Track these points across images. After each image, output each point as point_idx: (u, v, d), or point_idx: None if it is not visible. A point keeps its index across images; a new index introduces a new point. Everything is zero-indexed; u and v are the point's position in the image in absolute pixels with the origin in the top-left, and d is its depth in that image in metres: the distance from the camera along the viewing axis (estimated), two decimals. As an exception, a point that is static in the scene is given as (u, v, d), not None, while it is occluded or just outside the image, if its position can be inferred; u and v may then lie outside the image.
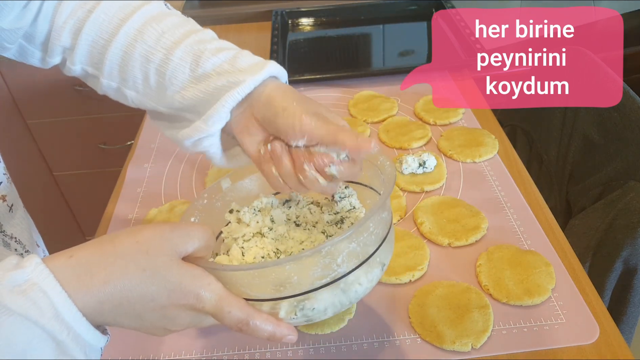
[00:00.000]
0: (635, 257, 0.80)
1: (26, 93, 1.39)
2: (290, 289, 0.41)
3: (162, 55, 0.50)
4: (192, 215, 0.53)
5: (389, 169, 0.49)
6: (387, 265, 0.48)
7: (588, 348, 0.56)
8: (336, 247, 0.41)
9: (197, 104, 0.49)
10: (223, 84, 0.48)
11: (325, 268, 0.41)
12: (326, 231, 0.51)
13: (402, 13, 1.33)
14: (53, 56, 0.54)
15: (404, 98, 1.01)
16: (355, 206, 0.53)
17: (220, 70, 0.49)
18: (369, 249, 0.44)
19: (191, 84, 0.49)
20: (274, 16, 1.28)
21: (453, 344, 0.56)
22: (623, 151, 0.87)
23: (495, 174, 0.80)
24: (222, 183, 0.56)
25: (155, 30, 0.50)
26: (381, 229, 0.45)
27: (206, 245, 0.41)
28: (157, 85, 0.51)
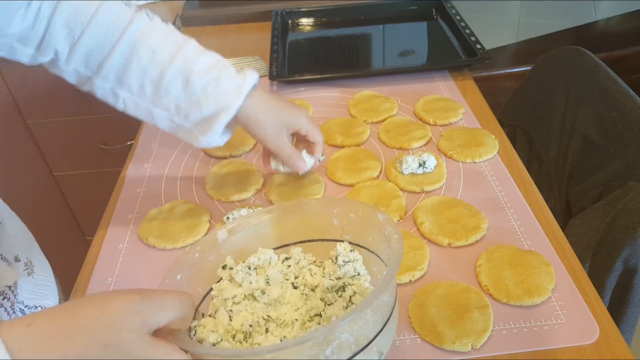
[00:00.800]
0: (635, 257, 0.80)
1: (26, 93, 1.39)
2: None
3: (156, 72, 0.58)
4: (179, 272, 0.48)
5: (396, 243, 0.45)
6: (386, 353, 0.43)
7: (588, 348, 0.56)
8: (325, 337, 0.37)
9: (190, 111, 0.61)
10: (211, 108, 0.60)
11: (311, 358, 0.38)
12: (325, 298, 0.47)
13: (402, 13, 1.33)
14: (46, 56, 0.58)
15: (404, 98, 1.01)
16: (360, 272, 0.49)
17: (207, 92, 0.59)
18: (364, 339, 0.39)
19: (184, 98, 0.60)
20: (274, 16, 1.28)
21: (453, 344, 0.56)
22: (623, 151, 0.87)
23: (495, 174, 0.80)
24: (219, 234, 0.52)
25: (147, 48, 0.58)
26: (381, 315, 0.41)
27: (182, 317, 0.39)
28: (153, 94, 0.60)
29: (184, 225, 0.74)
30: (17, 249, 0.67)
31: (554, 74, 1.03)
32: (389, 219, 0.48)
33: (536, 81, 1.08)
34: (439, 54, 1.19)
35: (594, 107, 0.94)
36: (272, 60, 1.10)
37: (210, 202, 0.79)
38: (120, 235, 0.75)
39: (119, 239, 0.74)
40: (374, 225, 0.49)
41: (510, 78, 1.53)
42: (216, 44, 1.28)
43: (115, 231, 0.75)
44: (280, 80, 1.07)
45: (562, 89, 1.01)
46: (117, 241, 0.74)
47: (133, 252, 0.72)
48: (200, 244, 0.51)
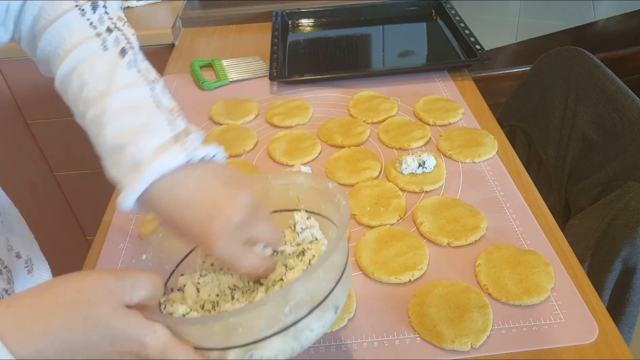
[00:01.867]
0: (634, 257, 0.80)
1: (27, 93, 1.39)
2: (237, 338, 0.40)
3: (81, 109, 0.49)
4: (144, 252, 0.50)
5: (344, 209, 0.48)
6: (341, 307, 0.46)
7: (587, 348, 0.56)
8: (283, 299, 0.40)
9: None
10: (114, 176, 0.47)
11: (272, 319, 0.40)
12: (287, 264, 0.49)
13: (402, 13, 1.33)
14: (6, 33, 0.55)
15: (404, 98, 1.01)
16: (317, 237, 0.51)
17: (111, 159, 0.47)
18: (320, 295, 0.42)
19: (101, 151, 0.49)
20: (274, 17, 1.28)
21: (452, 344, 0.57)
22: (622, 151, 0.87)
23: (495, 174, 0.81)
24: None
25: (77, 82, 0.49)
26: (333, 273, 0.44)
27: (152, 295, 0.40)
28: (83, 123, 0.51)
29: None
30: (18, 245, 0.67)
31: (553, 74, 1.03)
32: (338, 187, 0.51)
33: (535, 81, 1.09)
34: (439, 54, 1.19)
35: (593, 107, 0.94)
36: (272, 60, 1.10)
37: (211, 202, 0.79)
38: (121, 235, 0.75)
39: (120, 238, 0.74)
40: (325, 194, 0.52)
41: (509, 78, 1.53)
42: (216, 44, 1.28)
43: (116, 231, 0.76)
44: (280, 80, 1.07)
45: (561, 89, 1.01)
46: (118, 241, 0.74)
47: (134, 252, 0.72)
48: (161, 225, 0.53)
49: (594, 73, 0.94)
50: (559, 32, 1.72)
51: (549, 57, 1.05)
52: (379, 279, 0.65)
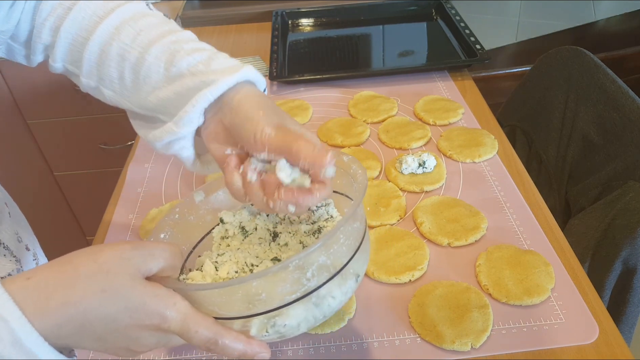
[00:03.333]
0: (635, 257, 0.80)
1: (26, 93, 1.39)
2: (260, 306, 0.40)
3: (138, 54, 0.48)
4: (162, 231, 0.51)
5: (361, 177, 0.48)
6: (362, 276, 0.46)
7: (587, 348, 0.56)
8: (305, 261, 0.40)
9: (170, 105, 0.48)
10: (195, 84, 0.46)
11: (295, 283, 0.40)
12: (303, 242, 0.50)
13: (402, 13, 1.33)
14: (36, 54, 0.54)
15: (404, 98, 1.01)
16: (333, 215, 0.51)
17: (194, 70, 0.47)
18: (341, 261, 0.42)
19: (165, 83, 0.48)
20: (274, 17, 1.28)
21: (453, 344, 0.57)
22: (622, 151, 0.87)
23: (495, 174, 0.81)
24: (195, 196, 0.54)
25: (132, 29, 0.49)
26: (353, 240, 0.44)
27: (171, 265, 0.40)
28: (132, 84, 0.50)
29: (184, 225, 0.74)
30: (26, 239, 0.67)
31: (554, 74, 1.03)
32: (353, 159, 0.50)
33: (536, 81, 1.09)
34: (439, 54, 1.19)
35: (594, 107, 0.94)
36: (272, 60, 1.10)
37: (211, 202, 0.79)
38: (120, 235, 0.75)
39: (119, 239, 0.74)
40: (340, 168, 0.51)
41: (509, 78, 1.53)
42: (216, 44, 1.27)
43: (116, 231, 0.76)
44: (280, 80, 1.07)
45: (561, 89, 1.01)
46: (118, 241, 0.74)
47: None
48: (179, 206, 0.53)
49: (594, 73, 0.94)
50: (559, 32, 1.72)
51: (549, 57, 1.05)
52: (379, 279, 0.65)
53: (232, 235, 0.53)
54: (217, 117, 0.47)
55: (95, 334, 0.36)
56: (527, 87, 1.11)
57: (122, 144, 1.49)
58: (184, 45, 0.48)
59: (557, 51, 1.03)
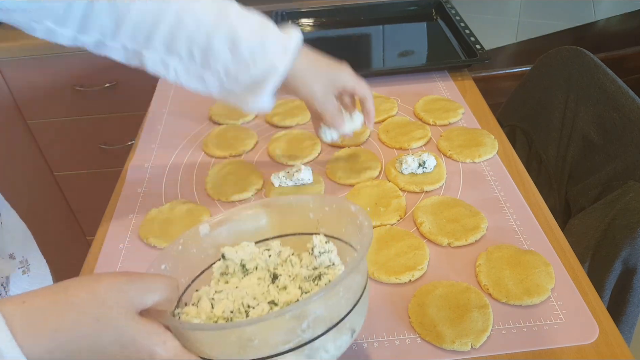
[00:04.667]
0: (635, 257, 0.80)
1: (26, 93, 1.39)
2: (251, 352, 0.40)
3: (204, 39, 0.59)
4: (163, 261, 0.51)
5: (366, 229, 0.48)
6: (357, 331, 0.46)
7: (587, 348, 0.56)
8: (302, 311, 0.40)
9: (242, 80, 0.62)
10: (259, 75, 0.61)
11: (289, 333, 0.40)
12: (302, 287, 0.50)
13: (402, 13, 1.33)
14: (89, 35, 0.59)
15: (404, 98, 1.01)
16: (335, 262, 0.51)
17: (254, 56, 0.60)
18: (338, 314, 0.42)
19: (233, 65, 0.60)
20: (274, 17, 1.28)
21: (453, 344, 0.57)
22: (622, 151, 0.87)
23: (495, 174, 0.81)
24: (201, 229, 0.55)
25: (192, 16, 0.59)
26: (353, 294, 0.44)
27: (167, 299, 0.40)
28: (202, 59, 0.61)
29: (185, 225, 0.74)
30: (12, 246, 0.67)
31: (554, 74, 1.03)
32: (361, 209, 0.51)
33: (536, 81, 1.09)
34: (439, 54, 1.19)
35: (594, 107, 0.94)
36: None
37: (210, 202, 0.79)
38: (120, 235, 0.75)
39: (119, 239, 0.74)
40: (347, 216, 0.52)
41: (509, 78, 1.53)
42: (216, 44, 1.28)
43: (116, 231, 0.76)
44: (280, 80, 1.07)
45: (561, 89, 1.01)
46: (118, 241, 0.74)
47: (133, 252, 0.72)
48: (183, 237, 0.53)
49: (594, 73, 0.94)
50: (559, 32, 1.72)
51: (549, 57, 1.05)
52: (379, 279, 0.65)
53: (232, 272, 0.52)
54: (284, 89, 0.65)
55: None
56: (527, 87, 1.11)
57: (122, 144, 1.49)
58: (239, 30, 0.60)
59: (557, 51, 1.03)
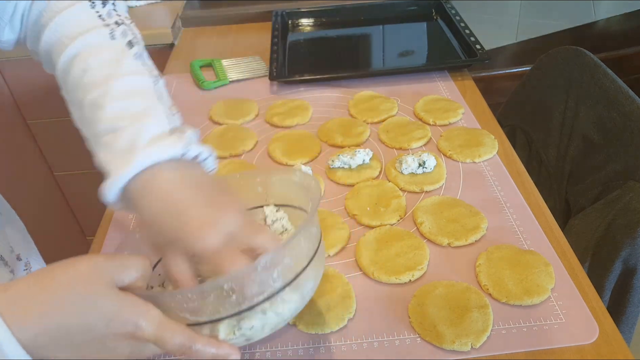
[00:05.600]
0: (635, 257, 0.80)
1: (27, 93, 1.39)
2: (230, 308, 0.42)
3: (80, 96, 0.48)
4: (125, 249, 0.53)
5: (314, 188, 0.51)
6: (319, 279, 0.49)
7: (587, 348, 0.56)
8: (272, 261, 0.42)
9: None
10: (103, 160, 0.46)
11: (263, 284, 0.42)
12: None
13: (402, 13, 1.33)
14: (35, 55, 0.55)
15: (404, 98, 1.01)
16: (287, 228, 0.54)
17: (104, 140, 0.46)
18: (302, 263, 0.45)
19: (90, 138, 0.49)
20: (274, 17, 1.28)
21: (453, 344, 0.57)
22: (622, 151, 0.87)
23: (495, 174, 0.81)
24: None
25: (79, 67, 0.48)
26: (311, 244, 0.47)
27: (142, 276, 0.41)
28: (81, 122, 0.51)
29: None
30: (18, 248, 0.67)
31: (554, 74, 1.03)
32: (305, 174, 0.53)
33: (536, 81, 1.09)
34: (439, 54, 1.19)
35: (594, 107, 0.94)
36: (272, 60, 1.10)
37: (211, 202, 0.79)
38: (120, 235, 0.75)
39: (119, 239, 0.74)
40: (293, 183, 0.55)
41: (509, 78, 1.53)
42: (216, 44, 1.28)
43: (116, 231, 0.75)
44: (280, 80, 1.07)
45: (561, 89, 1.01)
46: (118, 241, 0.74)
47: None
48: (139, 226, 0.56)
49: (595, 73, 0.94)
50: (559, 32, 1.72)
51: (549, 57, 1.05)
52: (379, 279, 0.65)
53: None
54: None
55: (72, 344, 0.37)
56: (527, 87, 1.11)
57: (122, 144, 1.49)
58: (108, 105, 0.46)
59: (557, 51, 1.03)
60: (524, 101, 1.11)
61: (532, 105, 1.09)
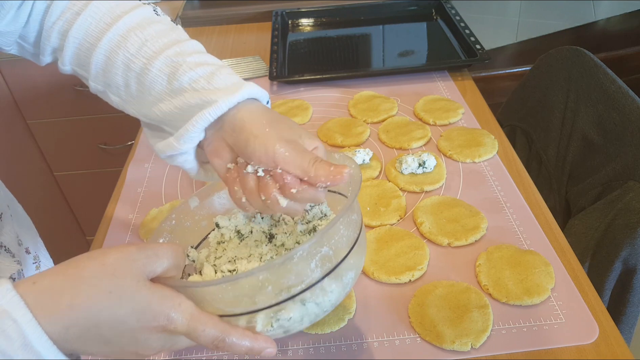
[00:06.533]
0: (635, 257, 0.80)
1: (26, 93, 1.39)
2: (266, 299, 0.40)
3: (142, 64, 0.48)
4: (160, 236, 0.52)
5: (354, 172, 0.48)
6: (360, 269, 0.47)
7: (587, 348, 0.56)
8: (309, 251, 0.40)
9: (172, 119, 0.48)
10: (197, 102, 0.46)
11: (300, 274, 0.40)
12: (300, 241, 0.51)
13: (402, 13, 1.33)
14: (45, 55, 0.54)
15: (404, 98, 1.01)
16: (326, 213, 0.52)
17: (196, 86, 0.47)
18: (341, 253, 0.43)
19: (167, 96, 0.48)
20: (274, 17, 1.28)
21: (453, 344, 0.57)
22: (622, 151, 0.87)
23: (495, 174, 0.81)
24: (190, 202, 0.55)
25: (138, 38, 0.49)
26: (352, 231, 0.45)
27: (176, 265, 0.40)
28: (137, 93, 0.50)
29: (184, 225, 0.74)
30: (27, 241, 0.67)
31: (554, 74, 1.03)
32: (345, 156, 0.51)
33: (536, 81, 1.09)
34: (439, 54, 1.19)
35: (594, 107, 0.94)
36: (272, 60, 1.10)
37: (211, 202, 0.79)
38: (120, 235, 0.75)
39: (119, 239, 0.74)
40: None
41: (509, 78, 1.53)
42: (216, 44, 1.28)
43: (116, 231, 0.76)
44: (280, 80, 1.07)
45: (561, 89, 1.01)
46: (118, 241, 0.74)
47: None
48: (175, 212, 0.54)
49: (595, 73, 0.94)
50: (559, 32, 1.72)
51: (549, 57, 1.05)
52: (379, 279, 0.65)
53: (228, 240, 0.53)
54: (219, 135, 0.47)
55: (102, 338, 0.36)
56: (527, 87, 1.11)
57: (122, 144, 1.49)
58: (188, 57, 0.48)
59: (557, 51, 1.03)
60: (524, 101, 1.11)
61: (532, 105, 1.09)
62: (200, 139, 0.47)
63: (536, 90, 1.08)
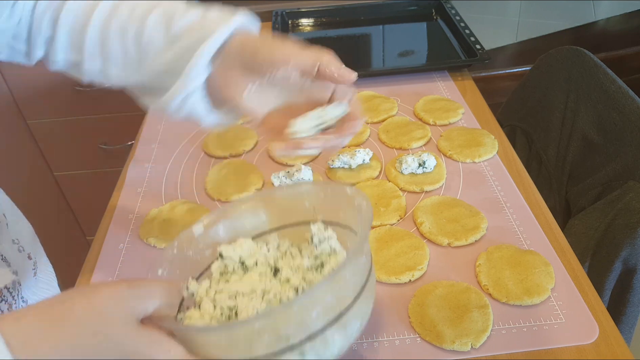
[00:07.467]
0: (635, 257, 0.80)
1: (26, 93, 1.39)
2: (263, 348, 0.38)
3: (137, 26, 0.50)
4: (159, 266, 0.49)
5: (365, 210, 0.46)
6: (367, 317, 0.45)
7: (587, 348, 0.56)
8: (311, 300, 0.38)
9: (176, 66, 0.49)
10: (197, 38, 0.48)
11: (299, 324, 0.38)
12: (306, 278, 0.48)
13: (402, 13, 1.33)
14: (36, 49, 0.54)
15: (404, 98, 1.01)
16: (336, 249, 0.50)
17: (191, 27, 0.49)
18: (346, 301, 0.40)
19: (167, 46, 0.49)
20: (274, 17, 1.28)
21: (453, 344, 0.57)
22: (622, 151, 0.87)
23: (495, 174, 0.81)
24: (194, 230, 0.53)
25: (127, 4, 0.51)
26: (359, 277, 0.42)
27: (169, 304, 0.39)
28: (137, 55, 0.50)
29: (185, 225, 0.73)
30: (28, 247, 0.67)
31: (554, 74, 1.03)
32: (357, 191, 0.49)
33: (536, 81, 1.09)
34: (439, 54, 1.19)
35: (594, 107, 0.94)
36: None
37: (210, 202, 0.79)
38: (120, 235, 0.75)
39: (119, 239, 0.74)
40: (344, 200, 0.50)
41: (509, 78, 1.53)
42: (216, 44, 1.28)
43: (116, 231, 0.76)
44: (280, 80, 1.07)
45: (561, 89, 1.01)
46: (118, 241, 0.74)
47: (133, 252, 0.72)
48: (177, 240, 0.52)
49: (595, 73, 0.94)
50: (559, 32, 1.72)
51: (549, 57, 1.05)
52: (379, 279, 0.65)
53: (231, 271, 0.51)
54: (226, 64, 0.48)
55: None
56: (527, 87, 1.11)
57: (122, 144, 1.49)
58: (179, 7, 0.50)
59: (557, 51, 1.03)
60: (524, 101, 1.11)
61: (532, 105, 1.09)
62: (208, 73, 0.49)
63: (536, 90, 1.08)
